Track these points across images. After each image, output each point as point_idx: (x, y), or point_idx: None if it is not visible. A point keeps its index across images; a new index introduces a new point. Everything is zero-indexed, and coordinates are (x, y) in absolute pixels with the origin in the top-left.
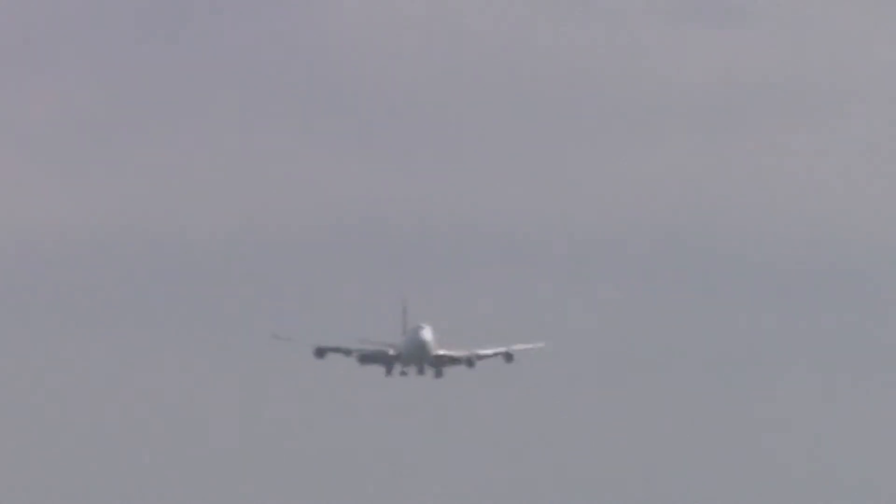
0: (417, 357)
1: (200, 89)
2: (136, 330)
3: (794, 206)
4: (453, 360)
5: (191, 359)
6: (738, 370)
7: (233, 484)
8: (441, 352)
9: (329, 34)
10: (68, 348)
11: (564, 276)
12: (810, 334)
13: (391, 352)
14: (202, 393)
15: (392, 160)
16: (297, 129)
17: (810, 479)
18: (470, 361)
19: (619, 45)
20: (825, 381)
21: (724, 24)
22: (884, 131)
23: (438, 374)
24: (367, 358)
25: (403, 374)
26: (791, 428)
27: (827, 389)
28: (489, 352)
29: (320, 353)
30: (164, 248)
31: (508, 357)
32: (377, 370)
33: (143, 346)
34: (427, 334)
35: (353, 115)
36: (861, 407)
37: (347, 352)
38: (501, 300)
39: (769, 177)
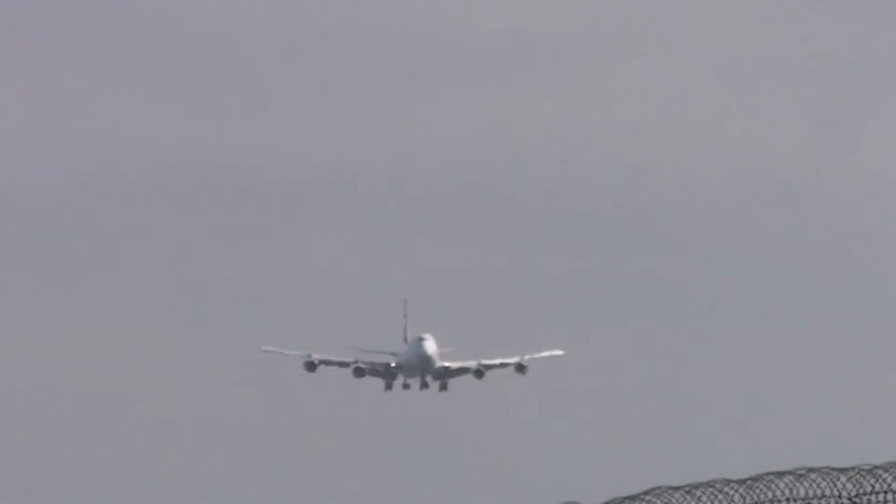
0: (420, 370)
1: None
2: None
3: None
4: (459, 372)
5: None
6: None
7: None
8: (446, 364)
9: None
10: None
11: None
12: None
13: (392, 364)
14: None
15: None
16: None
17: None
18: (478, 372)
19: None
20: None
21: None
22: (704, 70)
23: (443, 388)
24: (363, 371)
25: (406, 386)
26: None
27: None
28: (498, 362)
29: (311, 366)
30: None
31: (521, 368)
32: (376, 383)
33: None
34: (430, 347)
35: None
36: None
37: (343, 364)
38: None
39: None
